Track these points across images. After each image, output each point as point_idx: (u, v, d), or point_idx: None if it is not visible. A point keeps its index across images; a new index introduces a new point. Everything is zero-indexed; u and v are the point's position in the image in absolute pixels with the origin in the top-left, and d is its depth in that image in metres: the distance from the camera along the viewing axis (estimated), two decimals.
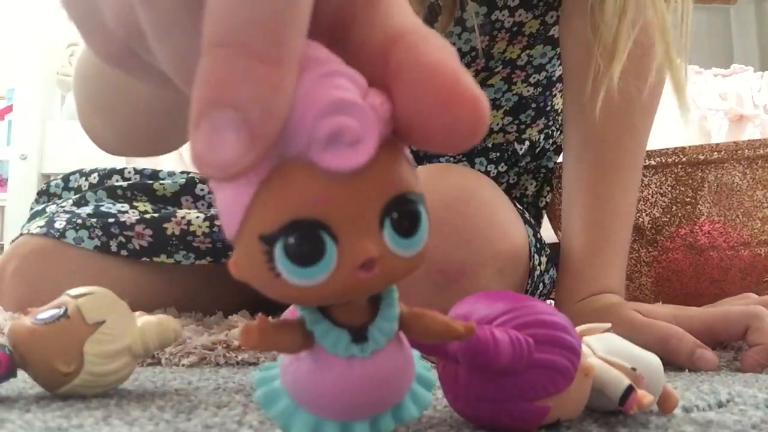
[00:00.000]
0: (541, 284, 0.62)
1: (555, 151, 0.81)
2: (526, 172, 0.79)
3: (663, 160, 0.72)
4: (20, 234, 0.63)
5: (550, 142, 0.80)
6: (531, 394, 0.25)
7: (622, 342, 0.30)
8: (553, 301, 0.64)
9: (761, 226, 0.71)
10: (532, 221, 0.63)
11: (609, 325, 0.31)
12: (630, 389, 0.26)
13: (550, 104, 0.77)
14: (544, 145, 0.79)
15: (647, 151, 0.66)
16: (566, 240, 0.60)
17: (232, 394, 0.34)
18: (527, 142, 0.77)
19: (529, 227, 0.59)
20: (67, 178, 0.71)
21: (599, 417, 0.28)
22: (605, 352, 0.28)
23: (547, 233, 0.71)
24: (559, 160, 0.80)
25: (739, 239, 0.71)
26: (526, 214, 0.63)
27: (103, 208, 0.62)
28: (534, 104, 0.75)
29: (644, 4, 0.54)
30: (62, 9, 0.19)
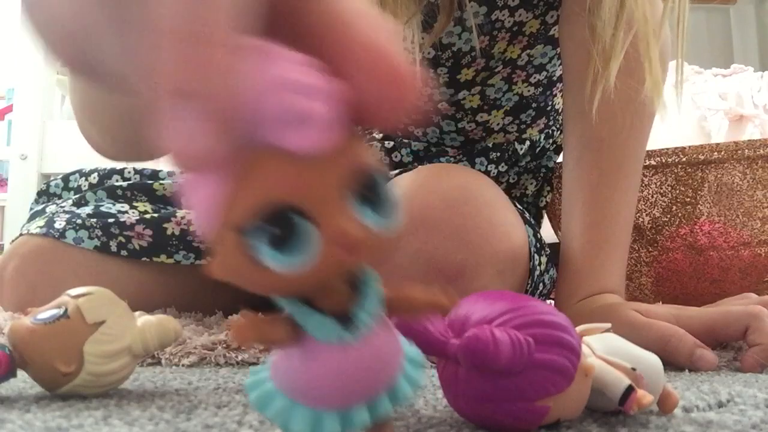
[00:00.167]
0: (541, 284, 0.62)
1: (555, 150, 0.81)
2: (527, 172, 0.79)
3: (663, 160, 0.72)
4: (20, 234, 0.63)
5: (551, 141, 0.80)
6: (531, 394, 0.25)
7: (622, 342, 0.30)
8: (553, 301, 0.64)
9: (761, 226, 0.71)
10: (533, 221, 0.63)
11: (609, 325, 0.31)
12: (630, 389, 0.26)
13: (550, 104, 0.77)
14: (545, 145, 0.79)
15: (647, 151, 0.66)
16: (566, 240, 0.60)
17: (232, 394, 0.34)
18: (528, 142, 0.77)
19: (529, 227, 0.59)
20: (67, 178, 0.71)
21: (599, 417, 0.28)
22: (605, 352, 0.28)
23: (547, 233, 0.71)
24: (559, 160, 0.80)
25: (739, 239, 0.71)
26: (527, 214, 0.63)
27: (103, 208, 0.62)
28: (534, 104, 0.75)
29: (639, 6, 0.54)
30: (24, 20, 0.19)
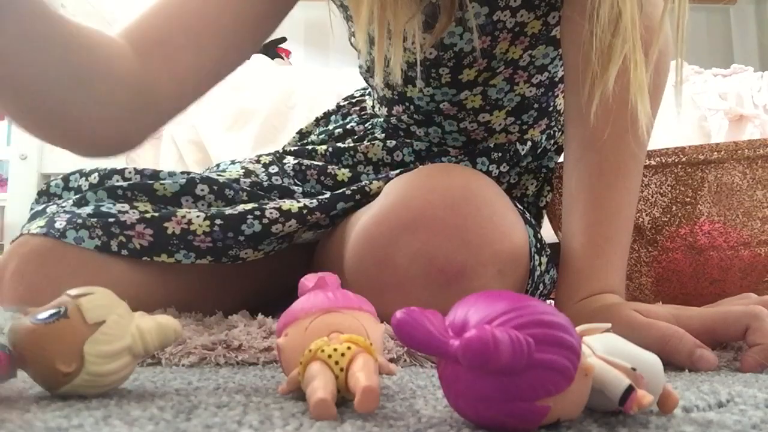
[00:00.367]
0: (541, 284, 0.62)
1: (556, 151, 0.81)
2: (527, 172, 0.79)
3: (663, 160, 0.72)
4: (20, 234, 0.63)
5: (552, 142, 0.80)
6: (531, 394, 0.25)
7: (622, 342, 0.30)
8: (553, 301, 0.64)
9: (761, 226, 0.71)
10: (533, 221, 0.63)
11: (609, 325, 0.31)
12: (630, 389, 0.26)
13: (552, 105, 0.77)
14: (546, 146, 0.79)
15: (647, 151, 0.66)
16: (566, 240, 0.60)
17: (232, 394, 0.34)
18: (529, 143, 0.77)
19: (529, 227, 0.59)
20: (67, 178, 0.71)
21: (599, 417, 0.28)
22: (605, 352, 0.28)
23: (547, 233, 0.71)
24: (559, 160, 0.80)
25: (739, 239, 0.71)
26: (527, 214, 0.63)
27: (103, 208, 0.62)
28: (536, 105, 0.75)
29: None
30: None
